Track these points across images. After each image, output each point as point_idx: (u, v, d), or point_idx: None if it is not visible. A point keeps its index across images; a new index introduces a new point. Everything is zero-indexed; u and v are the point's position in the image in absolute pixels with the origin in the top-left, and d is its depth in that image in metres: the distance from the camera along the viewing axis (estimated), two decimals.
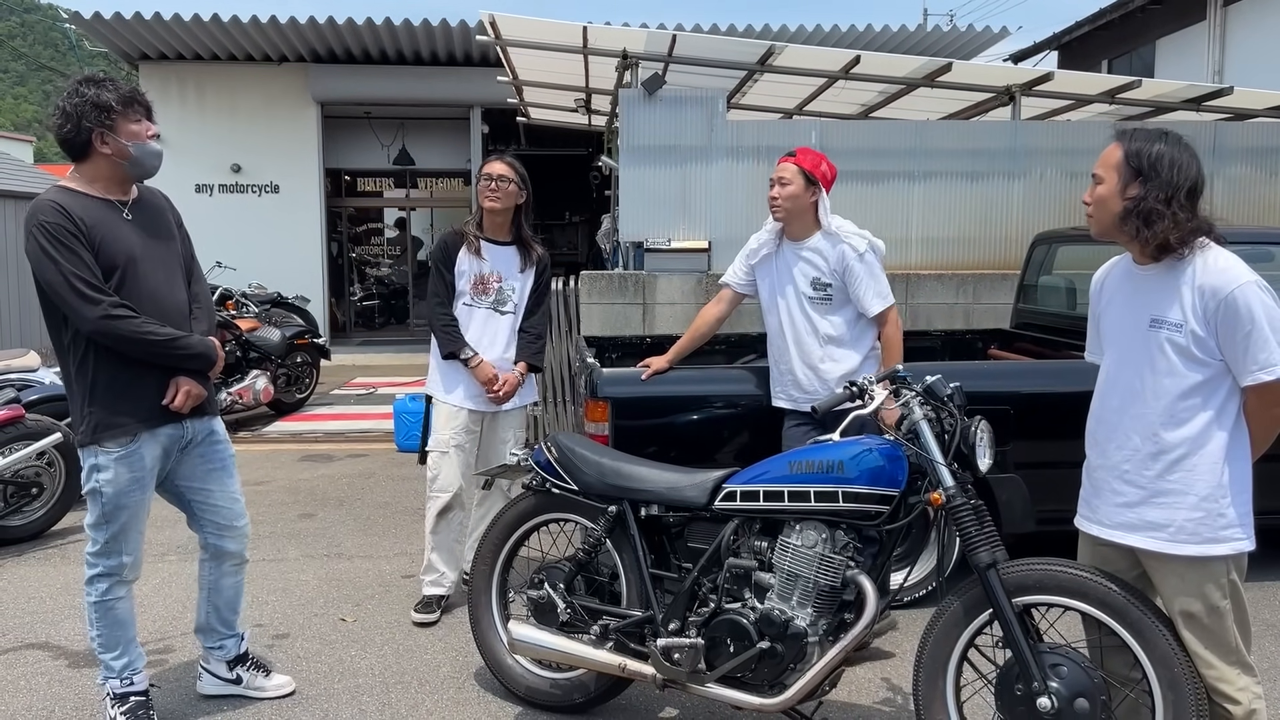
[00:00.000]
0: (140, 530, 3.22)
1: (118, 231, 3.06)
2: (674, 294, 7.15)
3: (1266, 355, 2.31)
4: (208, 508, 3.39)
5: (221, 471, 3.40)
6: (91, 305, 2.95)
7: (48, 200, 2.98)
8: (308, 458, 7.73)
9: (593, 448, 3.38)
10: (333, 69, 14.21)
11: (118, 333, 2.99)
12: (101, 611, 3.19)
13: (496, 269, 4.28)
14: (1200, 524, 2.40)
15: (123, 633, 3.22)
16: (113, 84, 3.05)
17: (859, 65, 8.22)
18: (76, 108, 2.98)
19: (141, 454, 3.14)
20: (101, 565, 3.18)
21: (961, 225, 7.62)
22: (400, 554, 5.19)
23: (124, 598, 3.23)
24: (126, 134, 3.05)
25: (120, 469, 3.10)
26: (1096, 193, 2.49)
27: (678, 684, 3.04)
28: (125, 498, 3.13)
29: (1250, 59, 12.73)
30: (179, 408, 3.17)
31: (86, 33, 13.65)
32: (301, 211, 14.61)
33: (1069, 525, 2.73)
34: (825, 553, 2.85)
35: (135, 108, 3.08)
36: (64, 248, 2.93)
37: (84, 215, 2.99)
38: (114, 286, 3.02)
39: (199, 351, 3.20)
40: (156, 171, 3.18)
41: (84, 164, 3.07)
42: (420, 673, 3.75)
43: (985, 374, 4.63)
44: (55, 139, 3.08)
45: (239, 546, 3.48)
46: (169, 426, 3.20)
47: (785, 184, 3.82)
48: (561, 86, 10.35)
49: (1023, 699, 2.55)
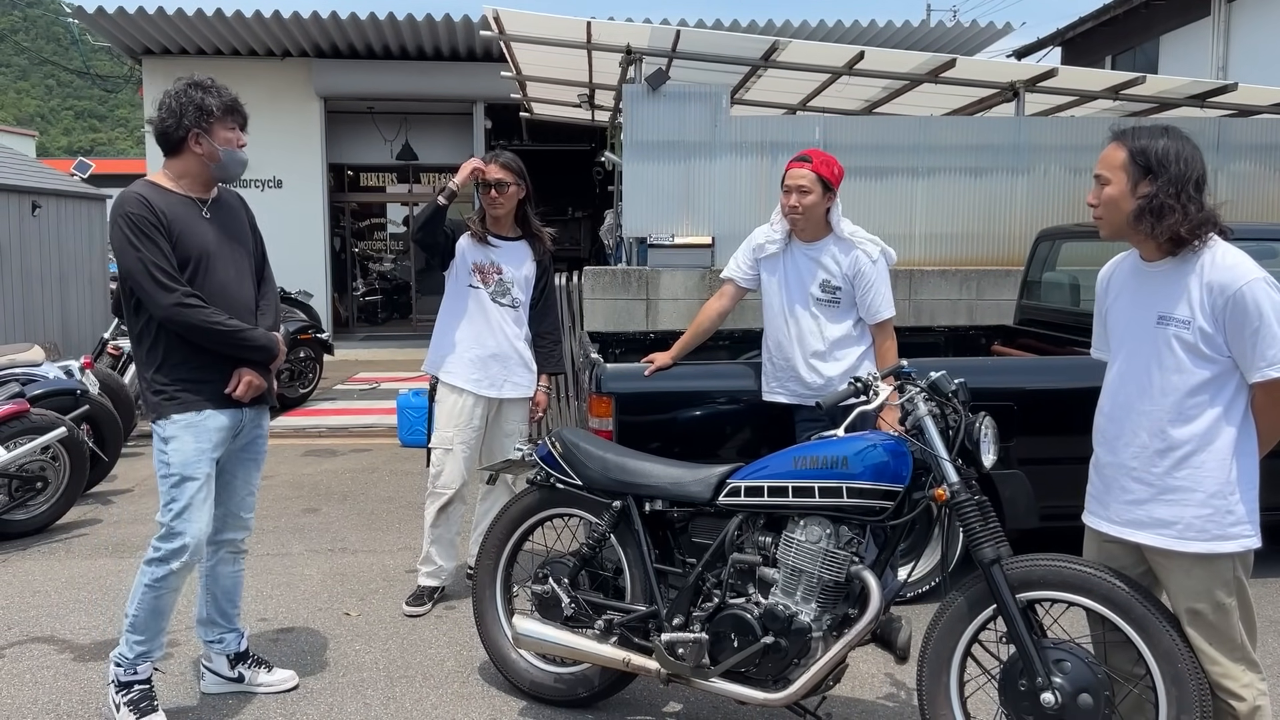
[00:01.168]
0: (206, 512, 3.25)
1: (196, 227, 3.22)
2: (677, 289, 7.15)
3: (1275, 352, 2.31)
4: (226, 492, 3.43)
5: (253, 463, 3.51)
6: (166, 293, 3.11)
7: (134, 193, 3.15)
8: (311, 452, 7.74)
9: (597, 443, 3.38)
10: (336, 64, 14.21)
11: (188, 320, 3.14)
12: (149, 597, 3.22)
13: (499, 261, 4.29)
14: (1208, 521, 2.39)
15: (157, 622, 3.25)
16: (218, 91, 3.24)
17: (863, 61, 8.20)
18: (182, 106, 3.17)
19: (208, 426, 3.23)
20: (164, 548, 3.20)
21: (965, 221, 7.61)
22: (404, 548, 5.20)
23: (175, 590, 3.25)
24: (220, 139, 3.23)
25: (186, 436, 3.19)
26: (1105, 194, 2.48)
27: (682, 679, 3.05)
28: (190, 468, 3.19)
29: (1254, 55, 12.70)
30: (240, 396, 3.29)
31: (89, 27, 13.66)
32: (305, 206, 14.62)
33: (1073, 521, 2.73)
34: (829, 548, 2.85)
35: (234, 116, 3.27)
36: (145, 237, 3.10)
37: (165, 209, 3.15)
38: (188, 278, 3.18)
39: (262, 344, 3.33)
40: (239, 177, 3.39)
41: (175, 159, 3.25)
42: (424, 667, 3.76)
43: (989, 370, 4.63)
44: (154, 130, 3.23)
45: (238, 536, 3.52)
46: (229, 411, 3.31)
47: (806, 192, 3.78)
48: (565, 82, 10.34)
49: (1027, 694, 2.55)
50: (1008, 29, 13.26)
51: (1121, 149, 2.45)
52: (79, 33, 21.20)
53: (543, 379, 4.44)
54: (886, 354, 3.88)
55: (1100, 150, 2.51)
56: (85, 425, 5.99)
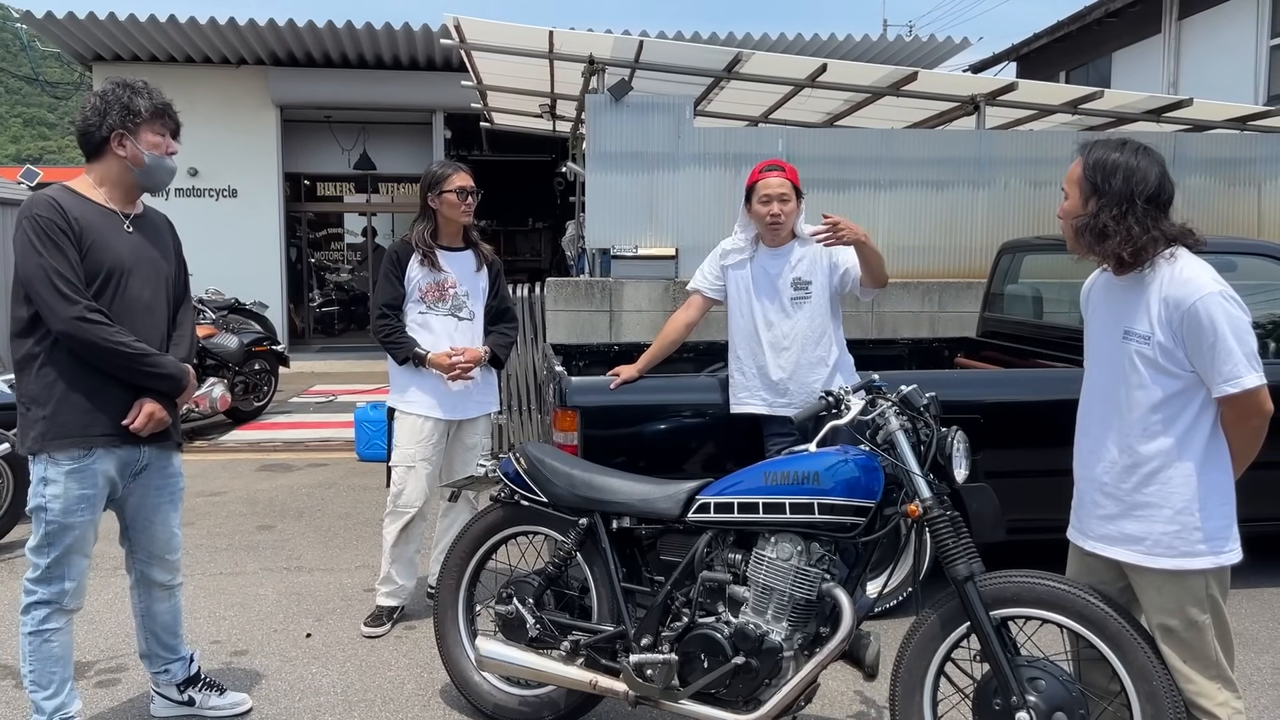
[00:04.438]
0: (86, 555, 3.04)
1: (112, 240, 2.98)
2: (641, 301, 7.10)
3: (1230, 368, 2.28)
4: (143, 535, 3.24)
5: (168, 505, 3.27)
6: (68, 304, 2.84)
7: (45, 196, 2.92)
8: (266, 467, 7.57)
9: (562, 458, 3.30)
10: (293, 72, 14.00)
11: (89, 337, 2.88)
12: (36, 644, 2.99)
13: (452, 275, 4.21)
14: (1176, 537, 2.37)
15: (58, 670, 3.02)
16: (149, 93, 3.02)
17: (825, 73, 8.23)
18: (107, 105, 2.95)
19: (94, 470, 2.98)
20: (41, 592, 2.98)
21: (927, 233, 7.63)
22: (362, 566, 5.08)
23: (62, 629, 3.02)
24: (146, 143, 3.00)
25: (70, 483, 2.94)
26: (1064, 208, 2.48)
27: (650, 701, 2.98)
28: (72, 516, 2.96)
29: (1203, 72, 12.95)
30: (139, 429, 3.02)
31: (38, 33, 13.36)
32: (260, 216, 14.39)
33: (1040, 534, 2.71)
34: (801, 565, 2.81)
35: (164, 120, 3.05)
36: (50, 242, 2.85)
37: (80, 216, 2.92)
38: (96, 292, 2.93)
39: (170, 373, 3.07)
40: (165, 186, 3.16)
41: (96, 162, 3.02)
42: (384, 690, 3.65)
43: (954, 383, 4.62)
44: (76, 130, 3.01)
45: (167, 577, 3.32)
46: (125, 448, 3.06)
47: (786, 200, 3.85)
48: (526, 92, 10.28)
49: (1001, 713, 2.52)
50: (965, 44, 13.42)
51: (1080, 164, 2.43)
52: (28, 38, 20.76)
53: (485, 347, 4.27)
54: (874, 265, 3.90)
55: (1064, 163, 2.52)
56: None
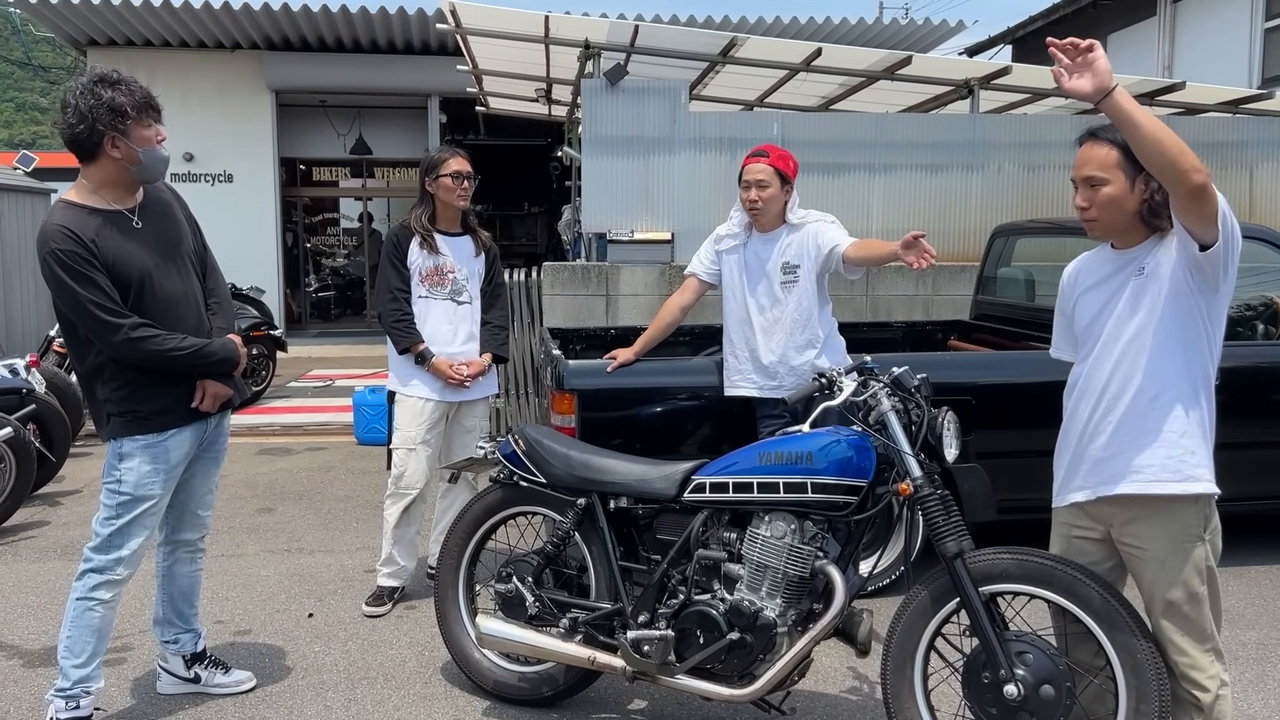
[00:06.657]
0: (148, 529, 3.15)
1: (129, 247, 3.02)
2: (637, 285, 7.14)
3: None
4: (184, 491, 3.33)
5: (213, 462, 3.42)
6: (113, 330, 2.94)
7: (57, 226, 2.92)
8: (265, 451, 7.62)
9: (560, 440, 3.36)
10: (288, 56, 13.97)
11: (140, 353, 2.99)
12: (79, 610, 3.09)
13: (450, 259, 4.25)
14: (1180, 461, 2.38)
15: (91, 642, 3.10)
16: (128, 86, 2.97)
17: (820, 58, 8.25)
18: (92, 109, 2.90)
19: (168, 448, 3.11)
20: (96, 559, 3.09)
21: (921, 217, 7.66)
22: (362, 548, 5.14)
23: (107, 602, 3.11)
24: (138, 139, 2.99)
25: (144, 457, 3.07)
26: (1103, 195, 2.41)
27: (647, 676, 3.04)
28: (144, 489, 3.08)
29: (1198, 55, 12.96)
30: (207, 409, 3.20)
31: (32, 17, 13.32)
32: (256, 201, 14.38)
33: (1030, 514, 2.75)
34: (794, 543, 2.86)
35: (150, 112, 3.03)
36: (79, 274, 2.91)
37: (95, 236, 2.95)
38: (132, 304, 3.01)
39: (222, 356, 3.20)
40: (162, 176, 3.19)
41: (91, 166, 3.02)
42: (385, 668, 3.72)
43: (947, 365, 4.67)
44: (64, 137, 2.98)
45: (196, 535, 3.44)
46: (195, 424, 3.20)
47: (765, 186, 3.86)
48: (522, 76, 10.28)
49: (989, 687, 2.58)
50: (960, 27, 13.41)
51: (1113, 148, 2.39)
52: (21, 23, 20.64)
53: (485, 355, 4.33)
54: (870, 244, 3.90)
55: (1057, 148, 2.51)
56: (32, 425, 5.84)
